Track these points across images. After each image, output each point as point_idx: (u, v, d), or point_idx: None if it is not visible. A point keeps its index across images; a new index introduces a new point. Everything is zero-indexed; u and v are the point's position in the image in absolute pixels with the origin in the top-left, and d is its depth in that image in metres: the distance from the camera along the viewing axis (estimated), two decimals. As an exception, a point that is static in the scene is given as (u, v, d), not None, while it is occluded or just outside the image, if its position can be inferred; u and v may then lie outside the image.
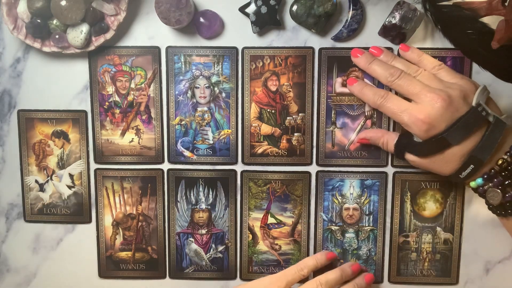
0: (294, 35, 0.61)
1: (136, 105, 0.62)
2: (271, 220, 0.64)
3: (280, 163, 0.63)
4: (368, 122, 0.62)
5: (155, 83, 0.62)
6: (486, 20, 0.55)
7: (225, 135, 0.63)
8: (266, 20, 0.59)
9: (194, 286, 0.66)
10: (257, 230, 0.64)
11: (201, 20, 0.59)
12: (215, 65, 0.61)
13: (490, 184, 0.53)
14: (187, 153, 0.63)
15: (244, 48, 0.61)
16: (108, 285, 0.66)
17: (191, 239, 0.65)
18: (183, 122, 0.63)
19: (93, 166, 0.64)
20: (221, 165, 0.63)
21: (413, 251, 0.64)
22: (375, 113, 0.62)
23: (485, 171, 0.53)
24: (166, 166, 0.63)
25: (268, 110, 0.62)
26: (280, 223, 0.64)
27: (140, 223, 0.65)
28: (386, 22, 0.59)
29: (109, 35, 0.59)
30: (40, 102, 0.63)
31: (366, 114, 0.62)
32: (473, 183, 0.54)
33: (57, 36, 0.58)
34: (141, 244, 0.65)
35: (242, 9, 0.59)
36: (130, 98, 0.62)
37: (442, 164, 0.54)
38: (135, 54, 0.61)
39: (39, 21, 0.58)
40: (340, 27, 0.60)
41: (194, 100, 0.62)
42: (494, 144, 0.52)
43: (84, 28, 0.58)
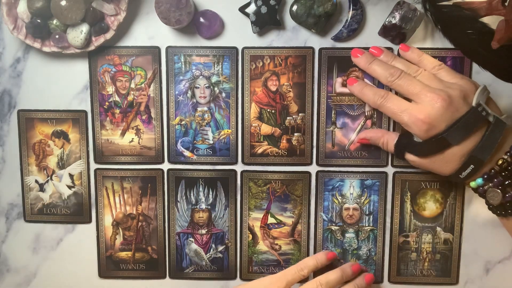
0: (294, 35, 0.61)
1: (136, 105, 0.62)
2: (271, 220, 0.64)
3: (280, 163, 0.63)
4: (368, 122, 0.62)
5: (155, 83, 0.62)
6: (486, 20, 0.55)
7: (225, 135, 0.63)
8: (266, 20, 0.59)
9: (194, 286, 0.66)
10: (257, 230, 0.64)
11: (201, 20, 0.59)
12: (215, 65, 0.61)
13: (490, 184, 0.53)
14: (187, 153, 0.63)
15: (244, 48, 0.61)
16: (108, 285, 0.66)
17: (191, 239, 0.65)
18: (183, 122, 0.63)
19: (93, 166, 0.64)
20: (221, 165, 0.63)
21: (413, 251, 0.64)
22: (375, 113, 0.62)
23: (485, 171, 0.53)
24: (166, 166, 0.63)
25: (268, 110, 0.62)
26: (280, 223, 0.64)
27: (140, 223, 0.65)
28: (386, 22, 0.59)
29: (109, 35, 0.59)
30: (40, 102, 0.63)
31: (366, 114, 0.62)
32: (473, 183, 0.54)
33: (57, 36, 0.58)
34: (141, 244, 0.65)
35: (242, 9, 0.59)
36: (130, 98, 0.62)
37: (442, 164, 0.54)
38: (135, 54, 0.61)
39: (39, 21, 0.58)
40: (340, 27, 0.60)
41: (194, 100, 0.62)
42: (494, 144, 0.51)
43: (84, 28, 0.58)
